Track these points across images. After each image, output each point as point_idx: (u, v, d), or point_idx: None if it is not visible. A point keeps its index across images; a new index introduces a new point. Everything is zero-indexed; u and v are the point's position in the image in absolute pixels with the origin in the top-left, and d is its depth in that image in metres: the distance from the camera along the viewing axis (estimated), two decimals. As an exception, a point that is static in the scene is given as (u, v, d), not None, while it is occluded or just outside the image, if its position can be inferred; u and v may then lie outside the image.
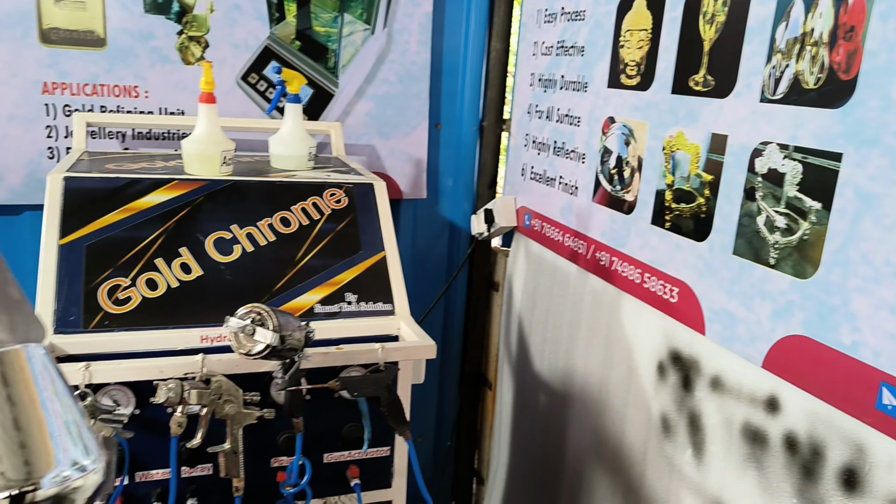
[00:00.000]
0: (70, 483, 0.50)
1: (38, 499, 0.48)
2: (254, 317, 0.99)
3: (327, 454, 1.32)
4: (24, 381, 0.50)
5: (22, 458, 0.48)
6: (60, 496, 0.49)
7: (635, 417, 1.53)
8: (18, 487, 0.47)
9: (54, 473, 0.49)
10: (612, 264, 1.57)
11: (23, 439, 0.48)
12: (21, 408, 0.49)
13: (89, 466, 0.51)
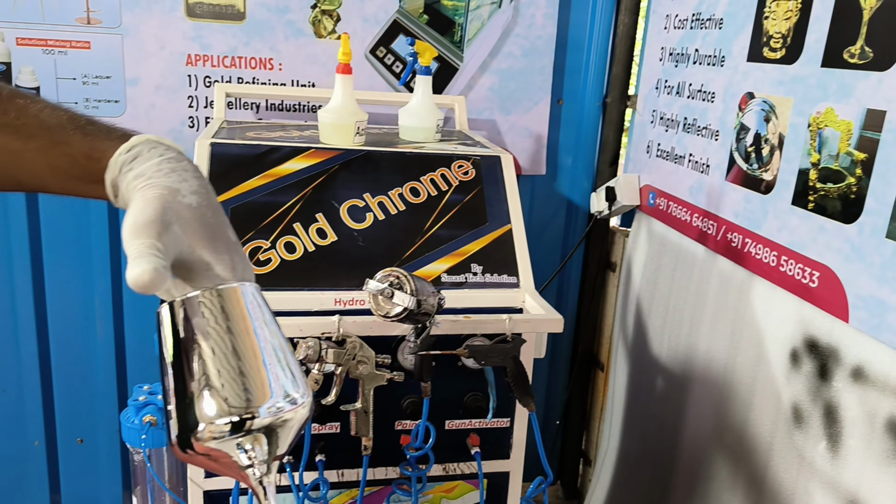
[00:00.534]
0: (282, 415, 0.52)
1: (254, 427, 0.51)
2: (392, 280, 1.01)
3: (449, 421, 1.35)
4: (242, 316, 0.53)
5: (241, 388, 0.51)
6: (272, 426, 0.52)
7: (762, 406, 1.48)
8: (239, 415, 0.50)
9: (269, 404, 0.51)
10: (744, 246, 1.51)
11: (242, 370, 0.51)
12: (239, 341, 0.52)
13: (299, 400, 0.54)
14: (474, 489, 1.41)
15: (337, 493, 1.34)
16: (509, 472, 1.42)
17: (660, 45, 1.88)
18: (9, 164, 0.59)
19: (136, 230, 0.52)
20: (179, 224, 0.55)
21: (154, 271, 0.50)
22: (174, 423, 0.52)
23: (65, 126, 0.59)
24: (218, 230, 0.58)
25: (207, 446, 0.51)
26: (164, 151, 0.59)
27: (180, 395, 0.51)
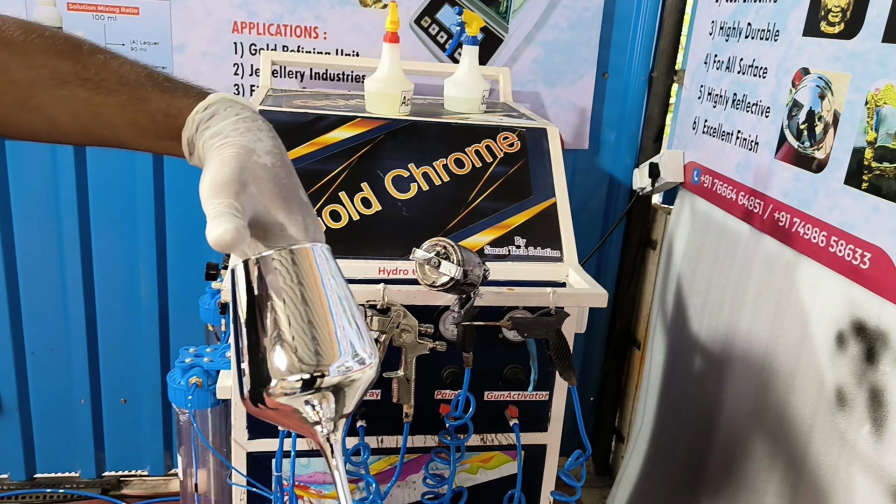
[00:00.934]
0: (351, 374, 0.53)
1: (324, 385, 0.52)
2: (439, 249, 1.02)
3: (488, 392, 1.36)
4: (313, 277, 0.54)
5: (313, 347, 0.52)
6: (341, 385, 0.53)
7: (804, 388, 1.46)
8: (310, 372, 0.52)
9: (339, 363, 0.52)
10: (792, 226, 1.48)
11: (313, 330, 0.52)
12: (311, 301, 0.53)
13: (367, 360, 0.55)
14: (511, 460, 1.42)
15: (377, 459, 1.36)
16: (546, 444, 1.43)
17: (710, 18, 1.84)
18: (89, 118, 0.60)
19: (214, 189, 0.53)
20: (255, 184, 0.56)
21: (235, 231, 0.50)
22: (247, 378, 0.53)
23: (143, 83, 0.60)
24: (291, 190, 0.58)
25: (278, 401, 0.52)
26: (239, 110, 0.59)
27: (254, 350, 0.53)
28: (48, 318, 2.05)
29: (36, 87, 0.59)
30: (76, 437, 2.18)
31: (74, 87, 0.59)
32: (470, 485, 1.40)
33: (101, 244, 2.00)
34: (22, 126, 0.61)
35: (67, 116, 0.60)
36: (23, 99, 0.59)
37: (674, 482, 1.95)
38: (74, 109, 0.60)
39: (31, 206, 1.94)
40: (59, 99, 0.59)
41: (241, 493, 1.33)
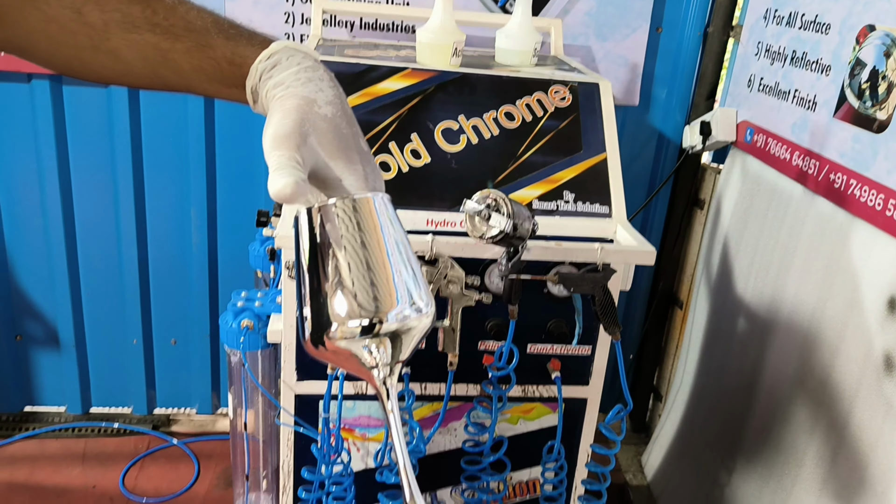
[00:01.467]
0: (408, 322, 0.54)
1: (382, 331, 0.54)
2: (490, 202, 1.02)
3: (531, 345, 1.37)
4: (373, 226, 0.55)
5: (372, 294, 0.53)
6: (398, 332, 0.54)
7: (851, 353, 1.45)
8: (369, 318, 0.53)
9: (397, 311, 0.54)
10: (848, 188, 1.45)
11: (373, 277, 0.54)
12: (371, 249, 0.54)
13: (424, 309, 0.56)
14: (551, 412, 1.44)
15: (420, 405, 1.39)
16: (587, 398, 1.44)
17: (772, -29, 1.78)
18: (157, 63, 0.61)
19: (276, 141, 0.54)
20: (315, 135, 0.57)
21: (295, 185, 0.52)
22: (308, 322, 0.55)
23: (209, 29, 0.61)
24: (351, 141, 0.59)
25: (337, 345, 0.54)
26: (301, 59, 0.60)
27: (315, 295, 0.54)
28: (103, 261, 2.11)
29: (109, 31, 0.60)
30: (129, 375, 2.26)
31: (144, 32, 0.61)
32: (510, 434, 1.43)
33: (153, 190, 2.05)
34: (96, 68, 0.63)
35: (138, 60, 0.62)
36: (97, 41, 0.60)
37: (711, 442, 1.96)
38: (145, 53, 0.61)
39: (87, 152, 1.99)
40: (130, 43, 0.61)
41: (288, 433, 1.38)
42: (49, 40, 0.61)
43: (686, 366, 2.15)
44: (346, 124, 0.59)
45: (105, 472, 2.10)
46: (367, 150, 0.61)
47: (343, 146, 0.58)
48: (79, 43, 0.60)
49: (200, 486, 2.08)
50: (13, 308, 2.15)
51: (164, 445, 2.22)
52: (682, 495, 2.06)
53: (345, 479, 1.35)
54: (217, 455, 2.20)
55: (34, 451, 2.17)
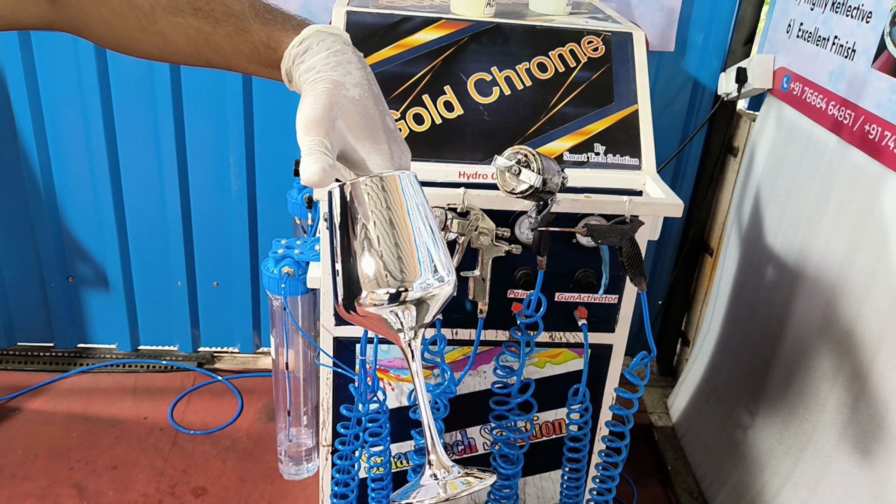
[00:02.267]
0: (431, 290, 0.59)
1: (407, 299, 0.59)
2: (520, 158, 1.05)
3: (559, 293, 1.41)
4: (400, 202, 0.59)
5: (399, 265, 0.58)
6: (422, 299, 0.59)
7: (877, 303, 1.46)
8: (396, 288, 0.58)
9: (421, 280, 0.59)
10: (882, 139, 1.44)
11: (399, 250, 0.59)
12: (397, 224, 0.59)
13: (446, 278, 0.60)
14: (578, 357, 1.50)
15: (451, 349, 1.46)
16: (612, 345, 1.49)
17: (816, -88, 1.73)
18: (201, 45, 0.65)
19: (308, 127, 0.59)
20: (344, 118, 0.61)
21: (323, 171, 0.57)
22: (341, 289, 0.60)
23: (246, 14, 0.65)
24: (378, 120, 0.63)
25: (367, 310, 0.59)
26: (331, 43, 0.63)
27: (346, 266, 0.59)
28: (147, 207, 2.19)
29: (156, 14, 0.65)
30: (174, 315, 2.37)
31: (188, 16, 0.65)
32: (537, 377, 1.49)
33: (193, 138, 2.11)
34: (145, 47, 0.67)
35: (183, 41, 0.66)
36: (145, 23, 0.65)
37: (736, 387, 2.01)
38: (188, 35, 0.66)
39: (130, 102, 2.05)
40: (175, 25, 0.65)
41: (327, 373, 1.46)
42: (102, 22, 0.66)
43: (714, 312, 2.19)
44: (372, 104, 0.63)
45: (155, 406, 2.23)
46: (393, 128, 0.65)
47: (370, 127, 0.62)
48: (129, 24, 0.65)
49: (244, 419, 2.19)
50: (65, 251, 2.25)
51: (208, 381, 2.34)
52: (706, 436, 2.12)
53: (381, 415, 1.43)
54: (259, 391, 2.31)
55: (89, 384, 2.31)
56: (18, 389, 2.24)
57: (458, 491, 0.57)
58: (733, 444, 1.96)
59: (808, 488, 1.63)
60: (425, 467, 0.60)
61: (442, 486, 0.58)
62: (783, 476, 1.73)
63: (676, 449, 2.21)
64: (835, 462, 1.55)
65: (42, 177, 2.12)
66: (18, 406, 2.19)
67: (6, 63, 1.98)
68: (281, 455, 1.91)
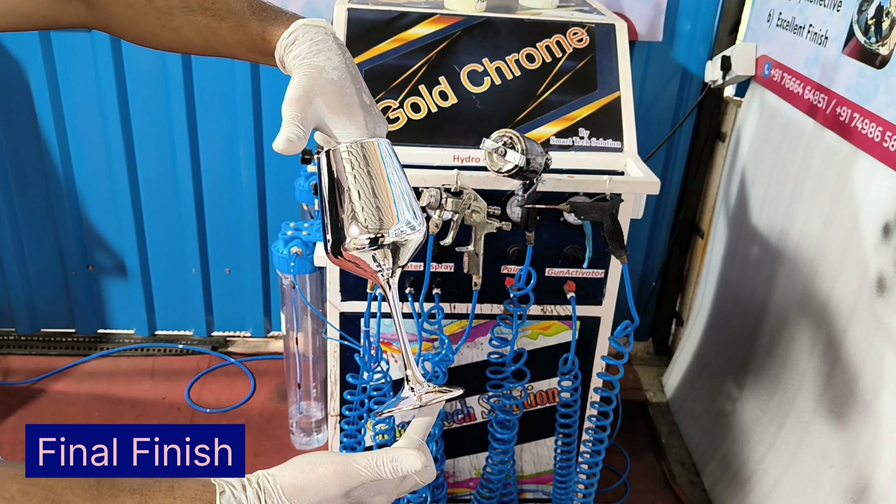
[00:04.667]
0: (404, 236, 0.71)
1: (385, 243, 0.70)
2: (506, 140, 1.16)
3: (549, 269, 1.52)
4: (377, 163, 0.71)
5: (377, 216, 0.70)
6: (397, 244, 0.71)
7: (849, 275, 1.56)
8: (374, 234, 0.69)
9: (396, 228, 0.70)
10: (851, 121, 1.54)
11: (377, 203, 0.70)
12: (376, 182, 0.70)
13: (417, 226, 0.72)
14: (569, 329, 1.60)
15: (449, 322, 1.56)
16: (600, 317, 1.59)
17: None
18: (209, 38, 0.77)
19: (288, 103, 0.71)
20: (322, 96, 0.71)
21: (288, 141, 0.68)
22: (330, 238, 0.71)
23: (245, 11, 0.76)
24: (354, 98, 0.73)
25: (352, 254, 0.70)
26: (314, 35, 0.74)
27: (334, 218, 0.71)
28: (162, 198, 2.31)
29: (172, 13, 0.76)
30: (189, 301, 2.49)
31: (198, 14, 0.77)
32: (530, 348, 1.59)
33: (205, 131, 2.22)
34: (164, 42, 0.79)
35: (195, 36, 0.78)
36: (163, 21, 0.77)
37: (724, 362, 2.10)
38: (199, 30, 0.77)
39: (145, 95, 2.16)
40: (188, 23, 0.77)
41: (335, 346, 1.57)
42: (128, 21, 0.78)
43: (705, 291, 2.28)
44: (350, 84, 0.73)
45: (172, 387, 2.34)
46: (369, 104, 0.75)
47: (346, 103, 0.72)
48: (150, 22, 0.77)
49: (256, 399, 2.31)
50: (85, 240, 2.37)
51: (222, 364, 2.46)
52: (697, 410, 2.22)
53: (384, 385, 1.54)
54: (270, 372, 2.42)
55: (109, 367, 2.42)
56: (43, 373, 2.36)
57: (431, 398, 0.69)
58: (723, 416, 2.06)
59: (789, 453, 1.73)
60: (403, 384, 0.72)
61: (417, 397, 0.70)
62: (767, 443, 1.83)
63: (670, 424, 2.31)
64: (813, 427, 1.65)
65: (63, 170, 2.24)
66: (43, 388, 2.31)
67: (28, 61, 2.09)
68: (292, 427, 2.02)
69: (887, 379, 1.44)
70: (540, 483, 1.79)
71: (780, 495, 1.75)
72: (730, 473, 1.97)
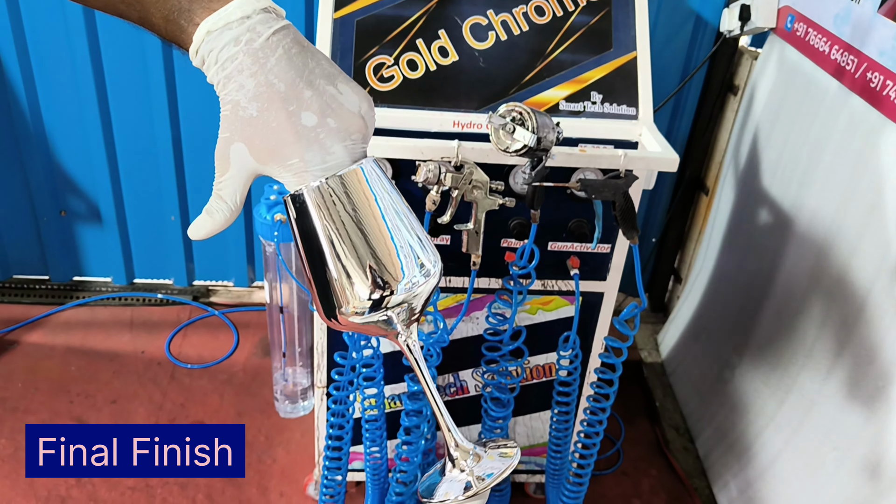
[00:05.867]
0: (416, 290, 0.56)
1: (391, 304, 0.55)
2: (515, 115, 1.03)
3: (552, 242, 1.42)
4: (366, 198, 0.54)
5: (380, 269, 0.54)
6: (406, 300, 0.56)
7: (868, 253, 1.47)
8: (380, 294, 0.54)
9: (405, 281, 0.55)
10: (884, 88, 1.42)
11: (375, 253, 0.54)
12: (367, 224, 0.54)
13: (431, 270, 0.57)
14: (569, 304, 1.51)
15: (445, 297, 1.47)
16: (604, 293, 1.50)
17: None
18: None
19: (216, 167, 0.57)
20: (245, 142, 0.55)
21: (194, 228, 0.59)
22: (319, 303, 0.56)
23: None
24: (284, 133, 0.54)
25: (351, 321, 0.56)
26: (219, 54, 0.53)
27: (320, 280, 0.55)
28: (138, 141, 2.16)
29: None
30: (168, 249, 2.37)
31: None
32: (528, 323, 1.51)
33: (184, 67, 2.06)
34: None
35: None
36: None
37: (726, 327, 2.04)
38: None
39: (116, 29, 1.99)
40: None
41: (321, 319, 1.47)
42: None
43: (708, 251, 2.20)
44: (275, 113, 0.53)
45: (152, 339, 2.26)
46: (314, 125, 0.54)
47: (272, 146, 0.54)
48: None
49: (240, 354, 2.23)
50: (56, 184, 2.23)
51: (204, 315, 2.37)
52: (694, 374, 2.17)
53: (375, 360, 1.45)
54: (254, 325, 2.34)
55: (86, 317, 2.33)
56: (16, 322, 2.27)
57: (489, 469, 0.54)
58: (721, 383, 2.00)
59: (790, 429, 1.68)
60: (445, 461, 0.57)
61: (469, 473, 0.54)
62: (767, 416, 1.78)
63: (665, 386, 2.26)
64: (818, 406, 1.59)
65: (30, 110, 2.08)
66: (17, 339, 2.22)
67: (-15, -8, 1.91)
68: (277, 394, 1.95)
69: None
70: (533, 455, 1.74)
71: (777, 472, 1.71)
72: (725, 443, 1.93)
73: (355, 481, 1.79)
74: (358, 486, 1.81)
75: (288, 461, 1.88)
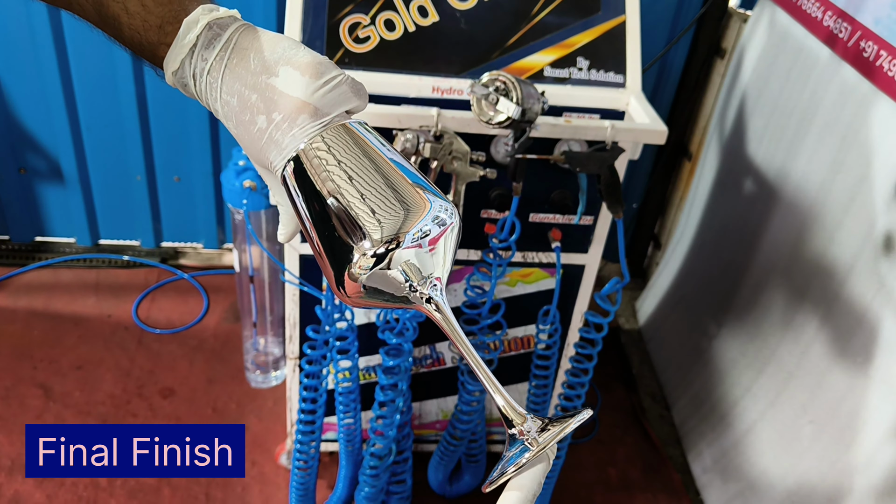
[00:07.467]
0: (429, 236, 0.52)
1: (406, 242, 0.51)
2: (498, 85, 0.97)
3: (534, 214, 1.37)
4: (369, 147, 0.53)
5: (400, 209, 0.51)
6: (422, 231, 0.51)
7: (852, 228, 1.45)
8: (385, 246, 0.50)
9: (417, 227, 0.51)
10: (877, 58, 1.37)
11: (395, 192, 0.52)
12: (380, 165, 0.53)
13: (447, 220, 0.53)
14: (549, 277, 1.47)
15: (421, 270, 1.42)
16: (585, 265, 1.46)
17: None
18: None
19: None
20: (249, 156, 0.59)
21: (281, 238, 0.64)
22: (329, 270, 0.52)
23: None
24: (253, 142, 0.55)
25: (364, 280, 0.51)
26: (188, 82, 0.56)
27: (335, 243, 0.51)
28: (100, 95, 2.06)
29: None
30: (135, 209, 2.29)
31: None
32: (507, 296, 1.47)
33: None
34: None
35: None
36: None
37: (704, 296, 2.02)
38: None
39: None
40: None
41: (293, 290, 1.42)
42: None
43: (689, 219, 2.16)
44: (242, 129, 0.55)
45: (118, 303, 2.19)
46: (265, 126, 0.54)
47: (255, 155, 0.57)
48: None
49: (210, 318, 2.17)
50: (14, 141, 2.12)
51: (173, 278, 2.30)
52: (672, 342, 2.16)
53: (350, 333, 1.41)
54: (225, 289, 2.28)
55: (49, 279, 2.25)
56: (-25, 284, 2.18)
57: (551, 435, 0.50)
58: (698, 352, 1.99)
59: (767, 400, 1.68)
60: (507, 438, 0.52)
61: (530, 441, 0.50)
62: (744, 387, 1.77)
63: (642, 353, 2.25)
64: (795, 379, 1.59)
65: (-18, 62, 1.97)
66: (-23, 302, 2.14)
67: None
68: (248, 364, 1.90)
69: (883, 343, 1.36)
70: (509, 425, 1.72)
71: (752, 442, 1.71)
72: (701, 412, 1.93)
73: (328, 451, 1.76)
74: (331, 456, 1.78)
75: (260, 429, 1.85)
